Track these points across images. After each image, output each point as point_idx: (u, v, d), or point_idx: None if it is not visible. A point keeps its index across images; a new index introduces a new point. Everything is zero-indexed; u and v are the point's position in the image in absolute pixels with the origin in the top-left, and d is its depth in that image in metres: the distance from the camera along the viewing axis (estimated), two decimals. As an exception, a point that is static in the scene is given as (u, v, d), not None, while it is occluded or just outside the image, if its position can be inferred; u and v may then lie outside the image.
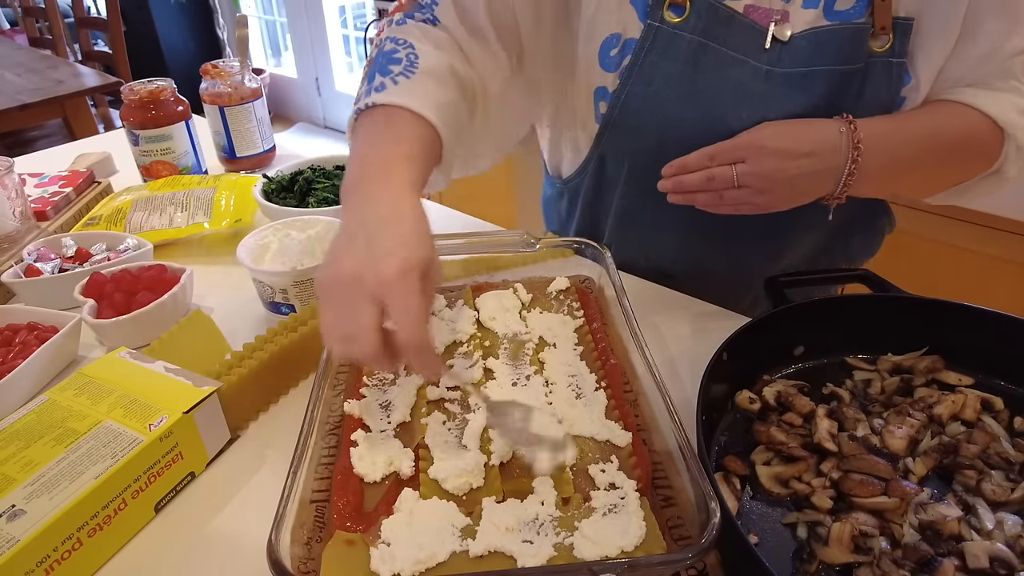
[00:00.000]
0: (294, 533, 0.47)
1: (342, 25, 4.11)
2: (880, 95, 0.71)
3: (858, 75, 0.70)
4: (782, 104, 0.70)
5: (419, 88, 0.63)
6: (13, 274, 0.83)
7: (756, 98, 0.71)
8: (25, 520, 0.48)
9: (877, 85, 0.70)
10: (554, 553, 0.46)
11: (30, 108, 1.99)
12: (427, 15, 0.73)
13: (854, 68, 0.69)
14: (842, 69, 0.69)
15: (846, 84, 0.70)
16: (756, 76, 0.71)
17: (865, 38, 0.69)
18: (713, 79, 0.72)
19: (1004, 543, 0.47)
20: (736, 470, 0.55)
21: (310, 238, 0.85)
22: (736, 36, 0.71)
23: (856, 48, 0.69)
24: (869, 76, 0.70)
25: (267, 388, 0.68)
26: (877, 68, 0.70)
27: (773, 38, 0.70)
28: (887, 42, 0.69)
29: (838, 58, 0.69)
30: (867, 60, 0.69)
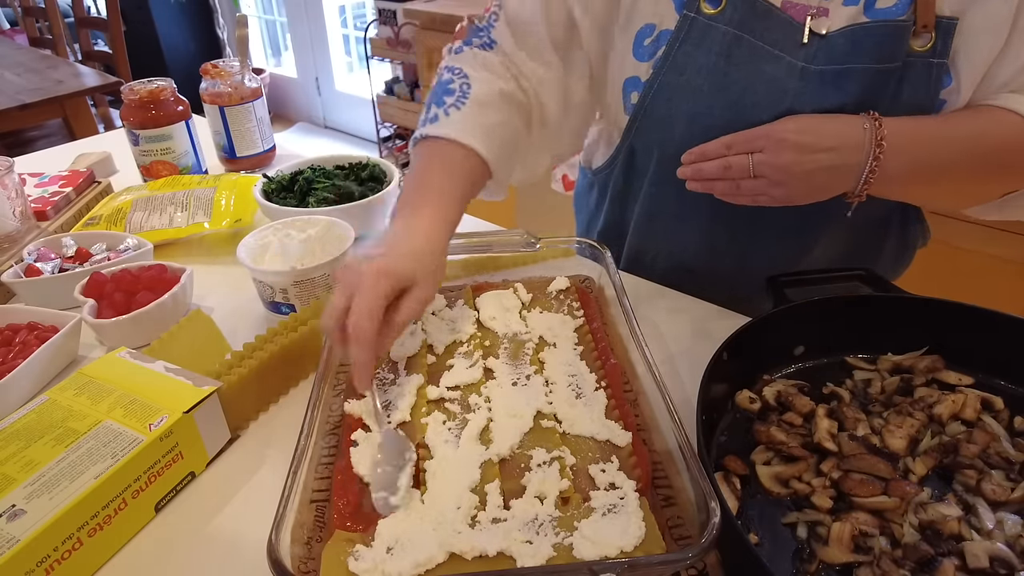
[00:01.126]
0: (294, 533, 0.47)
1: (342, 25, 4.11)
2: (918, 96, 0.68)
3: (895, 74, 0.68)
4: (815, 101, 0.69)
5: (468, 119, 0.71)
6: (13, 274, 0.83)
7: (790, 94, 0.70)
8: (25, 520, 0.48)
9: (915, 85, 0.68)
10: (554, 553, 0.46)
11: (30, 108, 1.99)
12: (484, 38, 0.78)
13: (892, 67, 0.67)
14: (879, 68, 0.67)
15: (882, 83, 0.68)
16: (791, 72, 0.70)
17: (906, 36, 0.66)
18: (746, 72, 0.71)
19: (1004, 543, 0.47)
20: (736, 470, 0.55)
21: (310, 238, 0.85)
22: (772, 30, 0.70)
23: (896, 46, 0.67)
24: (907, 76, 0.68)
25: (267, 388, 0.68)
26: (916, 68, 0.67)
27: (811, 32, 0.69)
28: (929, 41, 0.66)
29: (876, 56, 0.67)
30: (906, 59, 0.67)
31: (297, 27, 4.18)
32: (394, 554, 0.46)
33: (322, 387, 0.59)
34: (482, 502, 0.50)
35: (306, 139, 4.27)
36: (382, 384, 0.63)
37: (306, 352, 0.70)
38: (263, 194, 0.99)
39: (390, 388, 0.62)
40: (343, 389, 0.64)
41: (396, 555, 0.46)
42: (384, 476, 0.52)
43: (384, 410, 0.60)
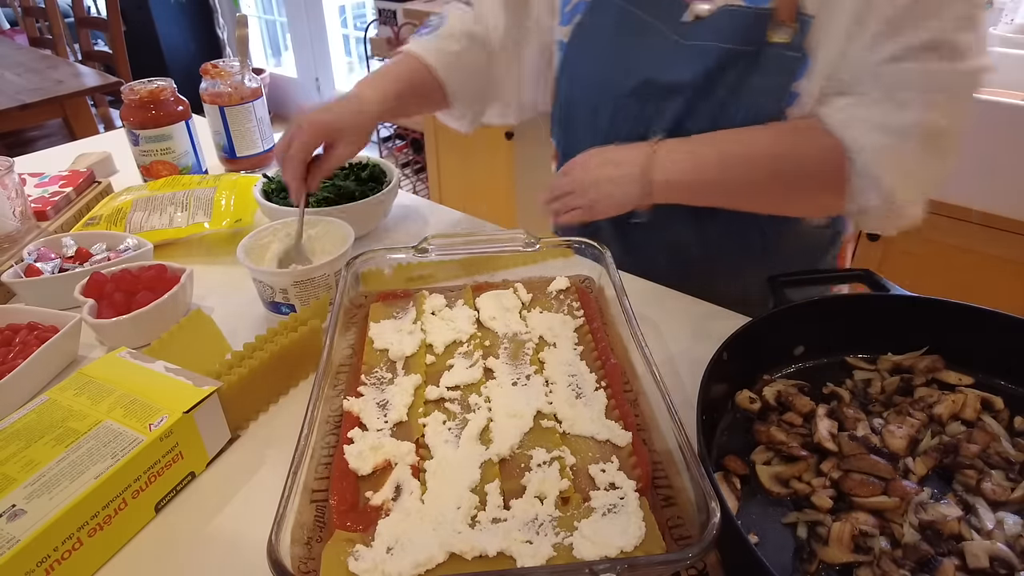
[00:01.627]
0: (294, 533, 0.47)
1: (342, 25, 4.11)
2: (769, 83, 0.72)
3: (747, 58, 0.72)
4: (675, 73, 0.77)
5: (432, 44, 0.91)
6: (13, 274, 0.83)
7: (658, 64, 0.78)
8: (25, 520, 0.48)
9: (766, 73, 0.72)
10: (553, 553, 0.46)
11: (30, 108, 1.99)
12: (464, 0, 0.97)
13: (745, 50, 0.72)
14: (733, 48, 0.73)
15: (732, 63, 0.73)
16: (665, 45, 0.77)
17: (764, 25, 0.71)
18: (631, 42, 0.80)
19: (1004, 543, 0.47)
20: (736, 470, 0.55)
21: (310, 238, 0.85)
22: (658, 6, 0.78)
23: (753, 32, 0.71)
24: (760, 63, 0.72)
25: (267, 388, 0.68)
26: (771, 57, 0.71)
27: (694, 14, 0.76)
28: (789, 34, 0.70)
29: (733, 38, 0.72)
30: (762, 47, 0.71)
31: (297, 27, 4.17)
32: (394, 554, 0.46)
33: (322, 386, 0.59)
34: (482, 502, 0.50)
35: (306, 139, 4.26)
36: (380, 383, 0.63)
37: (306, 352, 0.70)
38: (263, 194, 0.99)
39: (388, 387, 0.62)
40: (343, 388, 0.64)
41: (396, 555, 0.46)
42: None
43: (382, 409, 0.60)
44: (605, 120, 0.85)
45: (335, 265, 0.78)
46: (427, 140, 2.64)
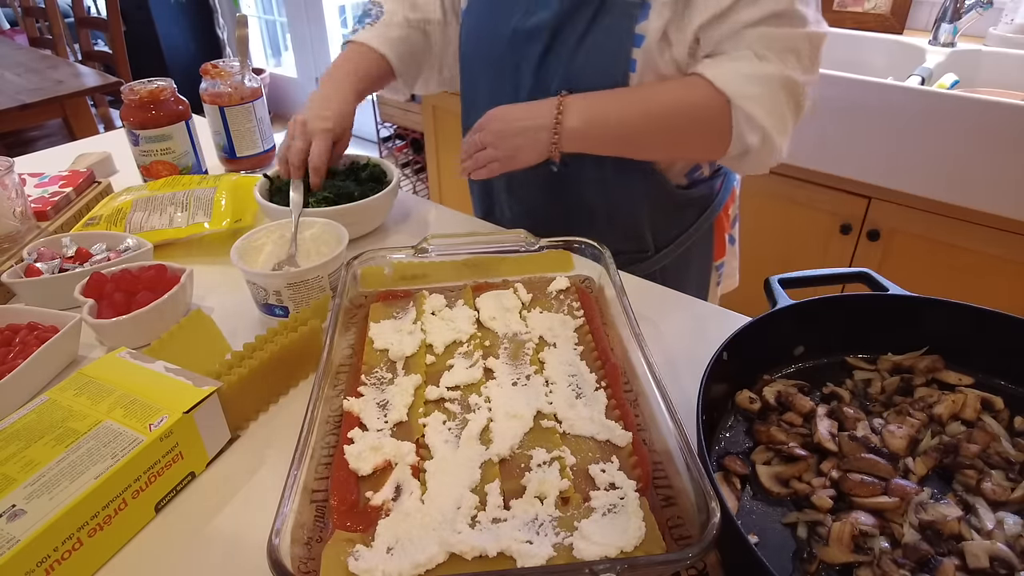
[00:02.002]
0: (294, 533, 0.47)
1: (342, 25, 4.11)
2: (614, 25, 0.82)
3: (592, 5, 0.83)
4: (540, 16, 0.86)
5: (377, 31, 1.02)
6: (13, 274, 0.83)
7: (528, 12, 0.88)
8: (25, 520, 0.48)
9: (608, 26, 0.83)
10: (554, 553, 0.46)
11: (30, 108, 1.99)
12: None
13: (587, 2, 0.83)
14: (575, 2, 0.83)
15: (577, 8, 0.84)
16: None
17: None
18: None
19: (1004, 543, 0.47)
20: (736, 470, 0.55)
21: (305, 239, 0.85)
22: None
23: None
24: (603, 12, 0.82)
25: (267, 388, 0.68)
26: (615, 8, 0.82)
27: None
28: None
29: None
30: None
31: (297, 27, 4.18)
32: (394, 554, 0.46)
33: (322, 386, 0.59)
34: (482, 502, 0.50)
35: (306, 139, 4.26)
36: (380, 383, 0.63)
37: (306, 352, 0.70)
38: (264, 194, 0.99)
39: (388, 387, 0.62)
40: (343, 388, 0.64)
41: (396, 555, 0.46)
42: None
43: (382, 409, 0.60)
44: (492, 70, 0.95)
45: (329, 267, 0.78)
46: (427, 140, 2.64)
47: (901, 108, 1.44)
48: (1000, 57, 1.71)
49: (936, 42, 1.75)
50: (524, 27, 0.88)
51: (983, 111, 1.37)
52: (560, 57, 0.87)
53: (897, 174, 1.50)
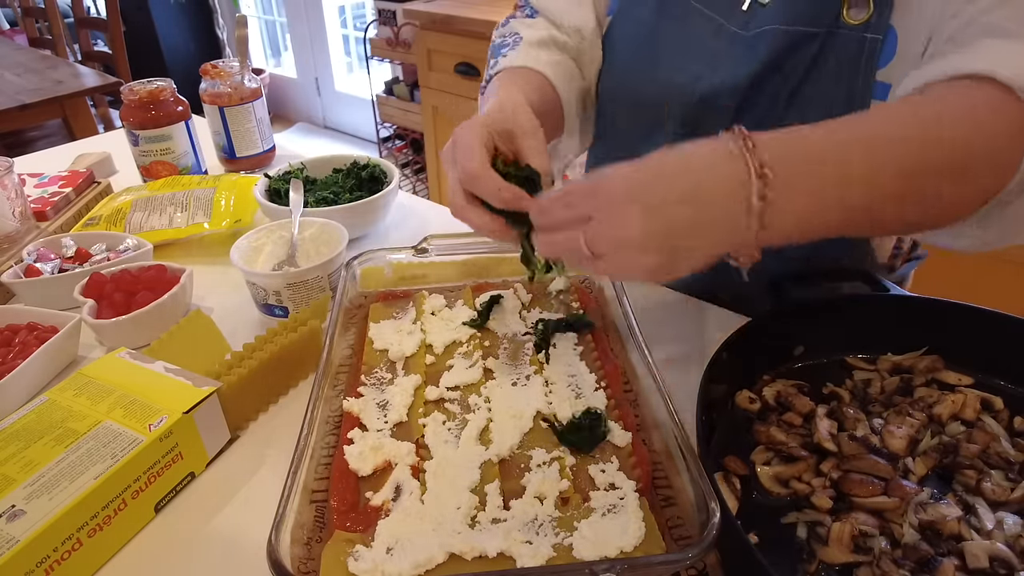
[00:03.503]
0: (294, 533, 0.47)
1: (342, 25, 4.11)
2: (844, 72, 0.62)
3: (816, 41, 0.62)
4: (729, 67, 0.66)
5: (523, 53, 0.74)
6: (13, 274, 0.83)
7: (707, 56, 0.69)
8: (25, 520, 0.48)
9: (841, 59, 0.62)
10: (553, 553, 0.46)
11: (30, 108, 1.99)
12: (526, 11, 0.82)
13: (812, 32, 0.62)
14: (799, 31, 0.63)
15: (797, 47, 0.63)
16: (718, 35, 0.68)
17: (835, 3, 0.62)
18: (673, 29, 0.72)
19: (1004, 543, 0.47)
20: (736, 470, 0.55)
21: (304, 239, 0.85)
22: None
23: (821, 11, 0.62)
24: (833, 46, 0.62)
25: (267, 388, 0.68)
26: (847, 40, 0.62)
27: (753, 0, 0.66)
28: (866, 13, 0.60)
29: (797, 18, 0.63)
30: (835, 29, 0.62)
31: (297, 27, 4.18)
32: (394, 554, 0.46)
33: (322, 386, 0.59)
34: (482, 502, 0.50)
35: (306, 139, 4.27)
36: (380, 384, 0.63)
37: (306, 352, 0.70)
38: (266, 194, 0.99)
39: (388, 388, 0.62)
40: (343, 388, 0.64)
41: (396, 555, 0.46)
42: None
43: (381, 410, 0.60)
44: (643, 128, 0.74)
45: (328, 267, 0.78)
46: (427, 140, 2.64)
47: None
48: (1000, 57, 1.71)
49: (936, 42, 1.75)
50: (704, 92, 0.66)
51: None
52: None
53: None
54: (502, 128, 0.57)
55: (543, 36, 0.75)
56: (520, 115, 0.58)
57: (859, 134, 0.47)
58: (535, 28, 0.77)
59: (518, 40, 0.75)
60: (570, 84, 0.76)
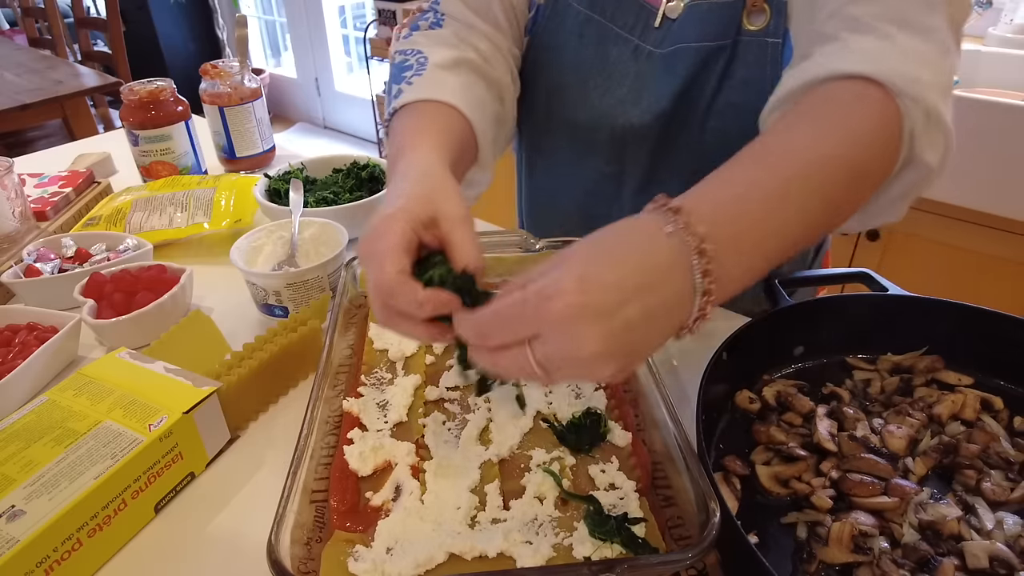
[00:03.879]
0: (294, 533, 0.47)
1: (342, 25, 4.11)
2: (753, 75, 0.66)
3: (725, 53, 0.66)
4: (651, 86, 0.70)
5: (430, 81, 0.65)
6: (13, 274, 0.83)
7: (629, 79, 0.71)
8: (25, 520, 0.48)
9: (749, 64, 0.66)
10: (553, 554, 0.46)
11: (30, 108, 1.99)
12: (431, 18, 0.74)
13: (721, 44, 0.66)
14: (708, 45, 0.66)
15: (711, 62, 0.67)
16: (636, 55, 0.71)
17: (737, 14, 0.65)
18: (594, 53, 0.73)
19: (1004, 543, 0.47)
20: (736, 470, 0.55)
21: (304, 240, 0.85)
22: (625, 13, 0.71)
23: (727, 24, 0.66)
24: (740, 55, 0.66)
25: (267, 388, 0.68)
26: (751, 47, 0.66)
27: (664, 16, 0.69)
28: (764, 20, 0.65)
29: (705, 34, 0.67)
30: (738, 38, 0.66)
31: (297, 27, 4.18)
32: (394, 554, 0.46)
33: (322, 387, 0.59)
34: (482, 503, 0.50)
35: (306, 139, 4.27)
36: (380, 384, 0.63)
37: (306, 352, 0.70)
38: (266, 194, 0.99)
39: (387, 388, 0.62)
40: (343, 389, 0.64)
41: (396, 556, 0.46)
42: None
43: (381, 410, 0.60)
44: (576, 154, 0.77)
45: (328, 267, 0.78)
46: (427, 140, 2.63)
47: (901, 108, 1.44)
48: (999, 57, 1.71)
49: (936, 42, 1.75)
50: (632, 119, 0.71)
51: (983, 111, 1.37)
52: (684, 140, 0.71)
53: (897, 174, 1.50)
54: (425, 216, 0.48)
55: (451, 57, 0.69)
56: (445, 201, 0.49)
57: (782, 174, 0.46)
58: (442, 45, 0.70)
59: (423, 63, 0.68)
60: (484, 112, 0.68)
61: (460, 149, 0.62)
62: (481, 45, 0.72)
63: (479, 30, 0.73)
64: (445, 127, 0.62)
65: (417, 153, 0.56)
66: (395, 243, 0.46)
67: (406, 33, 0.74)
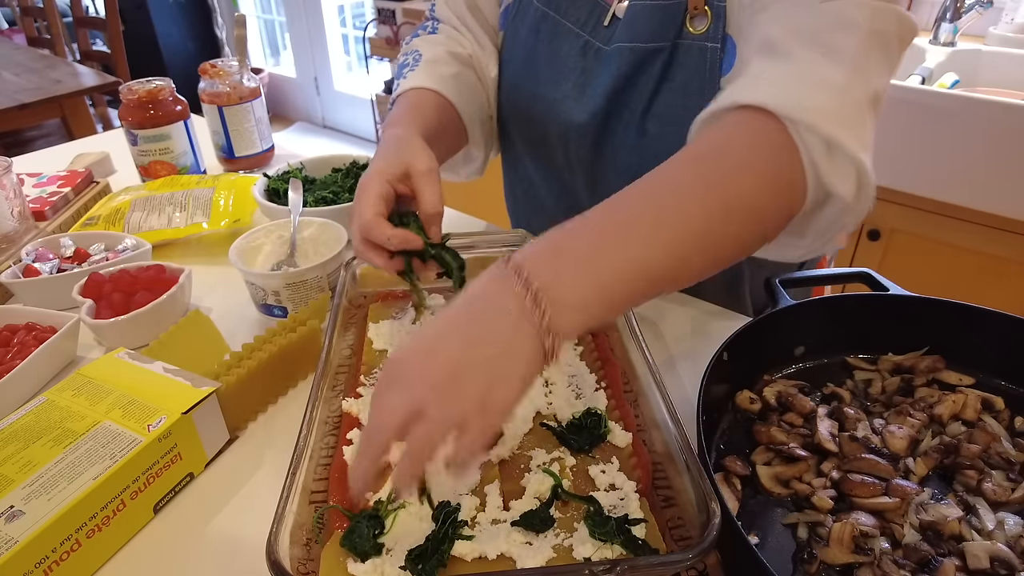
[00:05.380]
0: (293, 533, 0.47)
1: (341, 24, 4.11)
2: (691, 80, 0.66)
3: (662, 55, 0.67)
4: (593, 79, 0.72)
5: (420, 73, 0.76)
6: (11, 274, 0.83)
7: (575, 74, 0.74)
8: (24, 521, 0.48)
9: (689, 69, 0.66)
10: (553, 554, 0.46)
11: (28, 108, 1.99)
12: (429, 27, 0.85)
13: (659, 47, 0.67)
14: (645, 47, 0.67)
15: (647, 63, 0.68)
16: (585, 51, 0.73)
17: (677, 17, 0.66)
18: (548, 49, 0.76)
19: (1005, 543, 0.47)
20: (736, 470, 0.55)
21: (303, 239, 0.85)
22: (578, 9, 0.74)
23: (666, 27, 0.66)
24: (678, 58, 0.67)
25: (266, 388, 0.68)
26: (691, 51, 0.66)
27: (613, 15, 0.71)
28: (706, 24, 0.64)
29: (645, 35, 0.67)
30: (678, 41, 0.66)
31: (296, 27, 4.17)
32: (393, 555, 0.46)
33: (321, 387, 0.59)
34: (482, 503, 0.50)
35: (305, 139, 4.27)
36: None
37: (305, 353, 0.70)
38: (266, 194, 0.98)
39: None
40: (342, 389, 0.63)
41: (396, 556, 0.46)
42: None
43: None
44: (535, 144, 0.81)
45: (327, 267, 0.78)
46: (426, 140, 2.64)
47: (901, 107, 1.44)
48: (1000, 57, 1.71)
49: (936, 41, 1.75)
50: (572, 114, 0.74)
51: (983, 111, 1.37)
52: (622, 140, 0.72)
53: (897, 174, 1.50)
54: (399, 172, 0.62)
55: (441, 53, 0.79)
56: (414, 157, 0.63)
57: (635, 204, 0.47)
58: (434, 44, 0.81)
59: (418, 59, 0.78)
60: (471, 96, 0.80)
61: (438, 124, 0.73)
62: (465, 41, 0.83)
63: (465, 30, 0.83)
64: (422, 108, 0.73)
65: (396, 129, 0.67)
66: (374, 193, 0.60)
67: (408, 39, 0.86)
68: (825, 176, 0.49)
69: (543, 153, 0.83)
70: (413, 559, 0.45)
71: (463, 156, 0.87)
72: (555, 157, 0.81)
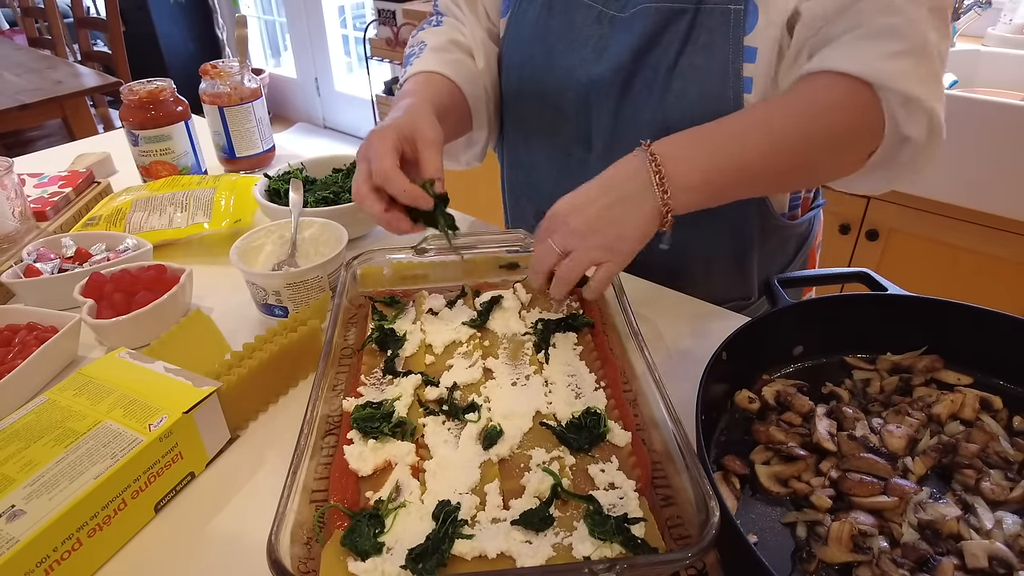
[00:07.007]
0: (294, 533, 0.47)
1: (341, 25, 4.11)
2: (716, 42, 0.69)
3: (687, 16, 0.69)
4: (612, 46, 0.74)
5: (425, 59, 0.83)
6: (12, 274, 0.83)
7: (592, 40, 0.76)
8: (25, 520, 0.48)
9: (712, 31, 0.69)
10: (553, 553, 0.46)
11: (29, 108, 1.99)
12: (434, 21, 0.90)
13: (682, 7, 0.70)
14: (669, 6, 0.70)
15: (672, 22, 0.70)
16: (599, 19, 0.76)
17: None
18: (561, 22, 0.79)
19: (1003, 542, 0.47)
20: (735, 469, 0.55)
21: (304, 239, 0.85)
22: None
23: None
24: (703, 21, 0.69)
25: (267, 388, 0.68)
26: (715, 14, 0.68)
27: None
28: None
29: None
30: (701, 5, 0.69)
31: (296, 27, 4.18)
32: (394, 554, 0.46)
33: (321, 387, 0.59)
34: (482, 502, 0.50)
35: (305, 139, 4.27)
36: (379, 384, 0.63)
37: (305, 352, 0.70)
38: (266, 194, 0.98)
39: (387, 388, 0.62)
40: (343, 389, 0.64)
41: (396, 555, 0.46)
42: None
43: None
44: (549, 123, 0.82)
45: (328, 267, 0.78)
46: (426, 140, 2.64)
47: (900, 108, 1.44)
48: (999, 57, 1.71)
49: (935, 42, 1.75)
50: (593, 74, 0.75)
51: (981, 111, 1.37)
52: (645, 98, 0.73)
53: (896, 174, 1.50)
54: (409, 134, 0.68)
55: (445, 41, 0.85)
56: (423, 126, 0.68)
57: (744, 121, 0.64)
58: (438, 35, 0.86)
59: (423, 48, 0.85)
60: (474, 81, 0.85)
61: (448, 102, 0.79)
62: (466, 31, 0.88)
63: (466, 19, 0.88)
64: (433, 86, 0.79)
65: (407, 99, 0.73)
66: (391, 145, 0.66)
67: (415, 32, 0.91)
68: (902, 125, 0.62)
69: (554, 128, 0.84)
70: (413, 558, 0.45)
71: (465, 141, 0.92)
72: (567, 130, 0.83)
